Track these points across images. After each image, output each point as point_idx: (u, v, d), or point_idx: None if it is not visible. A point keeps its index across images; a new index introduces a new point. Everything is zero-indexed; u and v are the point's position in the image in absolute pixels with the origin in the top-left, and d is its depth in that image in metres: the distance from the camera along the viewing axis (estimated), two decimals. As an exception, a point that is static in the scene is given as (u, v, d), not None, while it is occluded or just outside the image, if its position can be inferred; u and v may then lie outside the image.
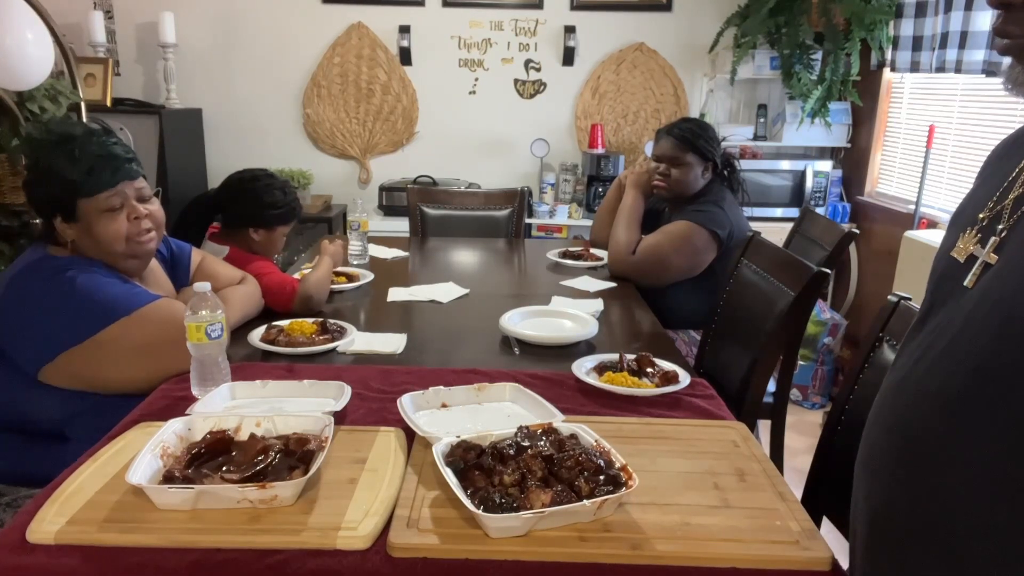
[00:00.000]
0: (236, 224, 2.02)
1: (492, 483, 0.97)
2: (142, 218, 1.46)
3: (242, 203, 2.00)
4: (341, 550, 0.90)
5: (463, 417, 1.26)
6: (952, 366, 0.66)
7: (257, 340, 1.63)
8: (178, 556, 0.88)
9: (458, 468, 1.01)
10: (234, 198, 2.01)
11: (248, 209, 2.00)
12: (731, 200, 2.33)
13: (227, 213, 2.03)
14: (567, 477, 0.99)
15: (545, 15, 3.97)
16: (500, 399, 1.32)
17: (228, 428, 1.11)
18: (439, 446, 1.05)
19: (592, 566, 0.88)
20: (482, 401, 1.31)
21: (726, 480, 1.07)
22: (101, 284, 1.40)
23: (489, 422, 1.23)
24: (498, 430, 1.11)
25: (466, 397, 1.31)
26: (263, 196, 1.99)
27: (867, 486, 0.75)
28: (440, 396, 1.29)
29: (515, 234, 3.14)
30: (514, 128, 4.09)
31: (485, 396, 1.32)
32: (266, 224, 2.01)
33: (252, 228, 2.00)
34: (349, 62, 3.98)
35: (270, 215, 2.01)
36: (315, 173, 4.04)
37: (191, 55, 3.88)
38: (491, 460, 1.01)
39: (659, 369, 1.49)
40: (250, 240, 2.01)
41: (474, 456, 1.03)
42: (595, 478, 0.98)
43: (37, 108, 2.53)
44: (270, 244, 2.05)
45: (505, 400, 1.32)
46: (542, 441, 1.06)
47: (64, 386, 1.39)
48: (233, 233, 2.02)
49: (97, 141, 1.41)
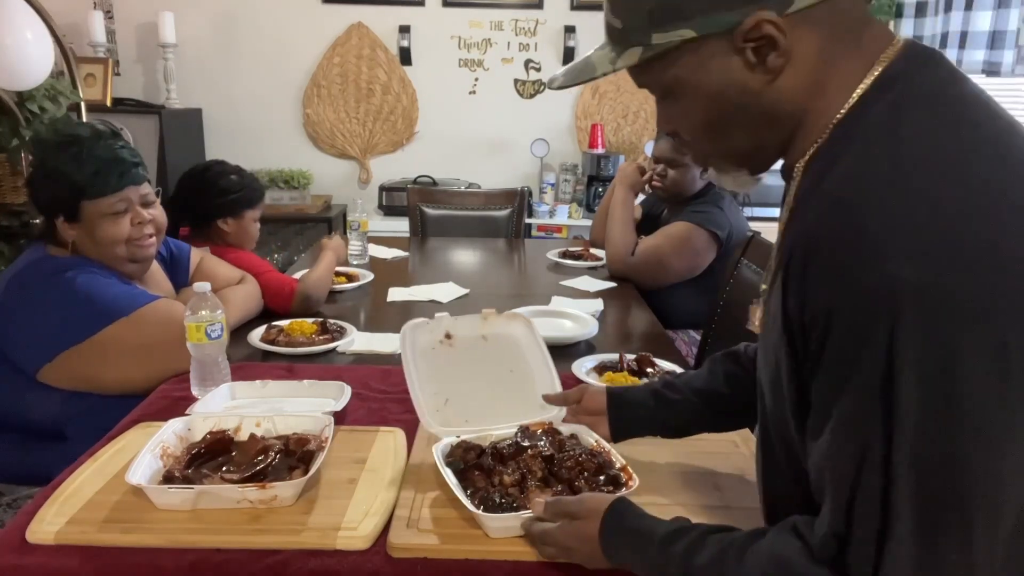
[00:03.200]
0: (203, 221, 1.99)
1: (492, 483, 0.97)
2: (145, 223, 1.46)
3: (201, 197, 1.98)
4: (341, 550, 0.89)
5: (467, 361, 1.20)
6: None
7: (257, 340, 1.63)
8: (178, 556, 0.88)
9: (458, 468, 1.00)
10: (192, 195, 1.99)
11: (209, 201, 1.97)
12: (730, 201, 2.33)
13: (191, 213, 2.00)
14: (567, 477, 0.98)
15: (545, 15, 3.97)
16: (509, 333, 1.24)
17: (228, 428, 1.11)
18: (439, 446, 1.04)
19: (592, 566, 0.88)
20: (488, 334, 1.23)
21: (726, 480, 1.07)
22: (101, 284, 1.40)
23: (492, 375, 1.20)
24: (497, 428, 1.10)
25: (471, 327, 1.23)
26: (219, 183, 1.97)
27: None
28: (444, 325, 1.22)
29: (515, 234, 3.14)
30: (514, 128, 4.09)
31: (491, 327, 1.24)
32: (231, 211, 1.98)
33: (219, 220, 1.98)
34: (349, 62, 3.98)
35: (231, 201, 1.98)
36: (315, 173, 4.04)
37: (191, 55, 3.87)
38: (491, 460, 1.00)
39: (659, 369, 1.49)
40: (223, 234, 1.99)
41: (474, 456, 1.02)
42: (595, 478, 0.98)
43: (37, 108, 2.53)
44: (243, 233, 2.02)
45: (515, 339, 1.24)
46: (542, 441, 1.05)
47: (64, 386, 1.39)
48: (204, 231, 2.00)
49: (104, 144, 1.41)
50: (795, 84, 0.69)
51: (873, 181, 0.61)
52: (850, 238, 0.60)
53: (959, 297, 0.56)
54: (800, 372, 0.67)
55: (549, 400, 1.14)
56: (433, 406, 1.15)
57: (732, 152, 0.77)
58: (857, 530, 0.61)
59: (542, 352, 1.23)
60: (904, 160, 0.61)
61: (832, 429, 0.62)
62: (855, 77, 0.68)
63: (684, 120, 0.76)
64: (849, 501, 0.61)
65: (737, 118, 0.72)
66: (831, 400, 0.62)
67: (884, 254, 0.58)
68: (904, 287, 0.56)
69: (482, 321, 1.24)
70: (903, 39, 0.71)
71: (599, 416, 1.09)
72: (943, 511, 0.58)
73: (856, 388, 0.60)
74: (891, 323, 0.57)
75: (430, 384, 1.16)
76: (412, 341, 1.18)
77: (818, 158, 0.70)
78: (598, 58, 0.75)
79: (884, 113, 0.65)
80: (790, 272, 0.65)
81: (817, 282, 0.62)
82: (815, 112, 0.70)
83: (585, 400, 1.11)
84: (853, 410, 0.60)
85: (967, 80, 0.68)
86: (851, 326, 0.59)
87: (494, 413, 1.14)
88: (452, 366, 1.19)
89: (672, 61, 0.71)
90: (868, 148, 0.64)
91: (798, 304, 0.64)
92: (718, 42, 0.68)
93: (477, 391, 1.18)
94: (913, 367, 0.57)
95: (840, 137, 0.68)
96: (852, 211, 0.61)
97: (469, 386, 1.18)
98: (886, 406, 0.58)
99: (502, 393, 1.19)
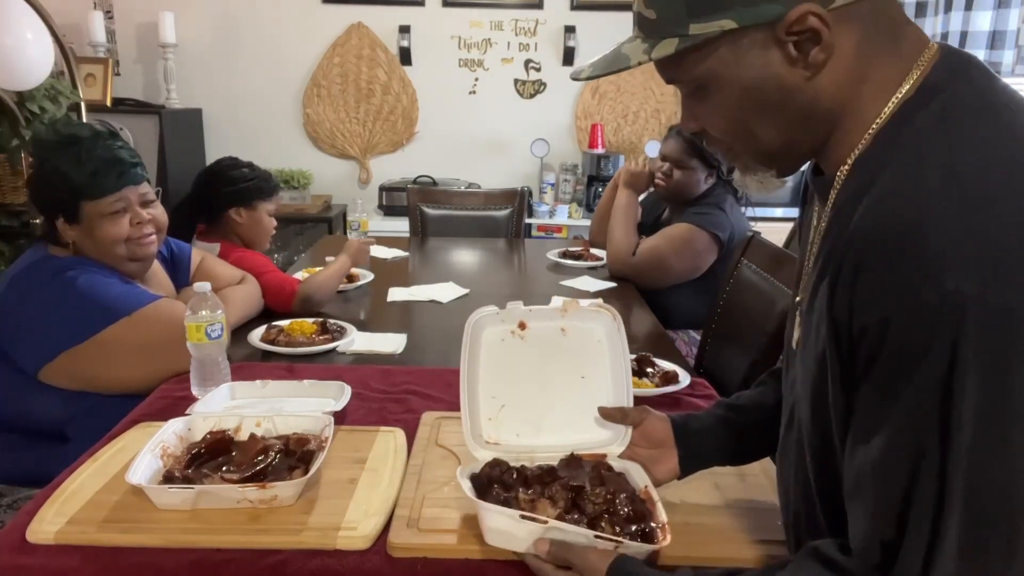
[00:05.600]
0: (217, 213, 2.03)
1: (507, 496, 0.91)
2: (144, 223, 1.47)
3: (214, 188, 2.03)
4: (341, 550, 0.89)
5: (537, 358, 1.05)
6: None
7: (257, 340, 1.63)
8: (178, 556, 0.88)
9: (480, 484, 0.93)
10: (206, 188, 2.04)
11: (221, 190, 2.01)
12: (732, 202, 2.33)
13: (206, 206, 2.04)
14: (591, 513, 0.88)
15: (545, 15, 3.97)
16: (591, 328, 1.05)
17: (228, 428, 1.11)
18: (465, 471, 0.95)
19: (592, 566, 0.88)
20: (568, 327, 1.06)
21: (726, 480, 1.07)
22: (102, 284, 1.40)
23: (560, 379, 1.04)
24: (545, 452, 1.00)
25: (549, 317, 1.06)
26: (230, 173, 2.03)
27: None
28: (518, 314, 1.05)
29: (515, 234, 3.14)
30: (514, 128, 4.09)
31: (571, 319, 1.06)
32: (244, 201, 2.02)
33: (233, 210, 2.01)
34: (349, 62, 3.98)
35: (244, 189, 2.02)
36: (315, 173, 4.04)
37: (191, 55, 3.87)
38: (514, 478, 0.93)
39: (659, 369, 1.49)
40: (237, 227, 2.02)
41: (498, 472, 0.94)
42: (627, 526, 0.87)
43: (37, 108, 2.54)
44: (257, 226, 2.05)
45: (596, 338, 1.05)
46: (582, 470, 0.95)
47: (64, 386, 1.39)
48: (218, 226, 2.03)
49: (103, 144, 1.42)
50: (833, 82, 0.68)
51: (930, 193, 0.60)
52: (909, 251, 0.59)
53: (1021, 314, 0.56)
54: (848, 378, 0.66)
55: (604, 414, 1.02)
56: (487, 413, 1.03)
57: (762, 151, 0.75)
58: (909, 536, 0.61)
59: (624, 359, 1.04)
60: (961, 172, 0.60)
61: (886, 436, 0.62)
62: (893, 79, 0.67)
63: (715, 116, 0.74)
64: (901, 507, 0.61)
65: (771, 115, 0.70)
66: (884, 407, 0.62)
67: (945, 268, 0.57)
68: (966, 302, 0.56)
69: (563, 312, 1.06)
70: (938, 43, 0.70)
71: (659, 449, 0.99)
72: (993, 521, 0.58)
73: (913, 397, 0.59)
74: (953, 337, 0.56)
75: (488, 385, 1.04)
76: (475, 335, 1.04)
77: (862, 163, 0.69)
78: (630, 49, 0.73)
79: (932, 123, 0.64)
80: (839, 280, 0.64)
81: (871, 292, 0.61)
82: (852, 113, 0.69)
83: (646, 425, 1.01)
84: (909, 418, 0.60)
85: (1004, 84, 0.67)
86: (910, 338, 0.59)
87: (551, 426, 1.04)
88: (518, 364, 1.05)
89: (708, 53, 0.69)
90: (921, 159, 0.63)
91: (846, 311, 0.64)
92: (758, 34, 0.66)
93: (539, 398, 1.05)
94: (973, 380, 0.57)
95: (886, 144, 0.67)
96: (910, 224, 0.60)
97: (531, 390, 1.05)
98: (943, 416, 0.58)
99: (567, 403, 1.04)
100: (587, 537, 0.82)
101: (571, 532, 0.83)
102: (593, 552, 0.81)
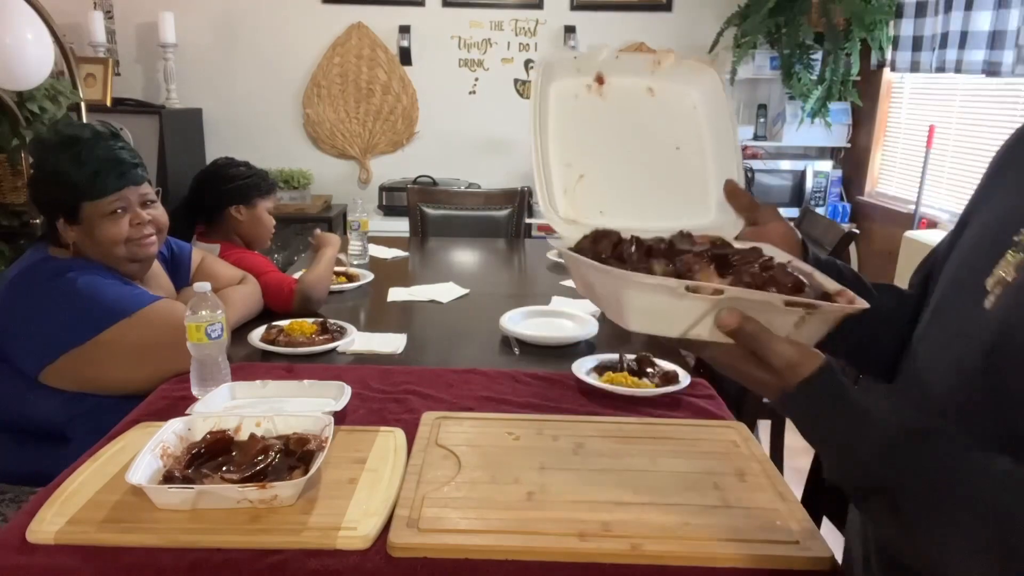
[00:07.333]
0: (216, 213, 2.04)
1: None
2: (144, 224, 1.47)
3: (212, 187, 2.04)
4: (341, 550, 0.89)
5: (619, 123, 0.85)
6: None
7: (257, 340, 1.63)
8: (178, 556, 0.88)
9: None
10: (204, 187, 2.06)
11: (220, 188, 2.03)
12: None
13: (206, 205, 2.06)
14: (748, 283, 0.69)
15: (545, 15, 3.97)
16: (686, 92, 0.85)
17: (228, 428, 1.11)
18: (559, 244, 0.80)
19: (592, 566, 0.88)
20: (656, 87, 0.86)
21: (726, 480, 1.07)
22: (102, 285, 1.40)
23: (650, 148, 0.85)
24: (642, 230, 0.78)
25: (636, 71, 0.86)
26: (229, 172, 2.05)
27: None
28: (596, 64, 0.86)
29: (515, 234, 3.14)
30: (514, 128, 4.08)
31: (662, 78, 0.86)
32: (243, 198, 2.04)
33: (234, 208, 2.03)
34: (349, 62, 3.98)
35: (242, 186, 2.04)
36: (315, 173, 4.04)
37: (191, 55, 3.88)
38: (634, 251, 0.73)
39: (659, 369, 1.49)
40: (237, 225, 2.04)
41: (609, 246, 0.74)
42: (791, 292, 0.68)
43: (37, 108, 2.54)
44: (257, 224, 2.07)
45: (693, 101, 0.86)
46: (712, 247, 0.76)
47: (65, 387, 1.39)
48: (217, 226, 2.05)
49: (104, 145, 1.42)
50: None
51: None
52: None
53: None
54: None
55: (730, 190, 0.82)
56: (561, 184, 0.83)
57: None
58: None
59: (731, 131, 0.86)
60: None
61: None
62: None
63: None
64: None
65: None
66: None
67: None
68: None
69: (653, 67, 0.86)
70: None
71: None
72: None
73: None
74: None
75: (561, 151, 0.84)
76: (546, 83, 0.84)
77: None
78: None
79: None
80: None
81: None
82: None
83: (769, 230, 0.82)
84: None
85: None
86: None
87: (641, 205, 0.85)
88: (596, 127, 0.86)
89: None
90: None
91: None
92: None
93: (623, 170, 0.86)
94: None
95: None
96: None
97: (614, 160, 0.86)
98: None
99: (659, 178, 0.86)
100: (777, 303, 0.65)
101: (757, 298, 0.65)
102: (792, 347, 0.65)
